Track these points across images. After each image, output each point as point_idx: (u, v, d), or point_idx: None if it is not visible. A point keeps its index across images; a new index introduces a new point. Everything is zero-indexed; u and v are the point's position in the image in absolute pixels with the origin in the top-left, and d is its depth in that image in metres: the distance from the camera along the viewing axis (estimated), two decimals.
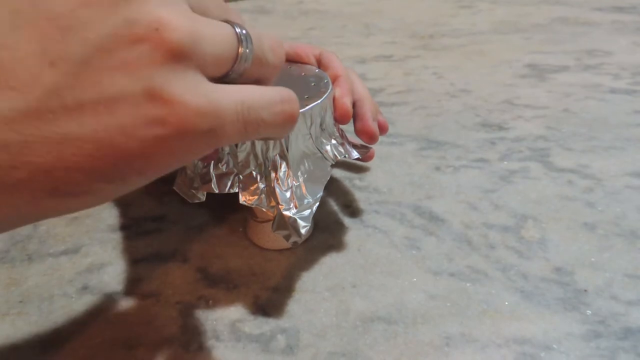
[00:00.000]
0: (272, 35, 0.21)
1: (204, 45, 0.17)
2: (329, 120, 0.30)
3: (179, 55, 0.16)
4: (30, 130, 0.15)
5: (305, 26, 0.77)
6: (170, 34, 0.16)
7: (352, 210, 0.36)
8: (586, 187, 0.37)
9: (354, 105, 0.33)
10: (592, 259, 0.30)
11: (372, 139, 0.33)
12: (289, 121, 0.20)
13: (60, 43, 0.15)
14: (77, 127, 0.16)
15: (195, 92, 0.16)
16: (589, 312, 0.27)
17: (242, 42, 0.19)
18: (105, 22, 0.16)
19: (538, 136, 0.44)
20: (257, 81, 0.20)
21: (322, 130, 0.30)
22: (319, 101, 0.28)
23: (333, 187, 0.38)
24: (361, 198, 0.37)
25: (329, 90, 0.29)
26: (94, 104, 0.15)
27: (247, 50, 0.19)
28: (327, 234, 0.33)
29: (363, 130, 0.33)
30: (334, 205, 0.36)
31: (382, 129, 0.35)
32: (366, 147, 0.36)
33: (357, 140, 0.35)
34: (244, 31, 0.19)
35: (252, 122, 0.18)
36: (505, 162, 0.40)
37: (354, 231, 0.34)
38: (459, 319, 0.27)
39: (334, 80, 0.32)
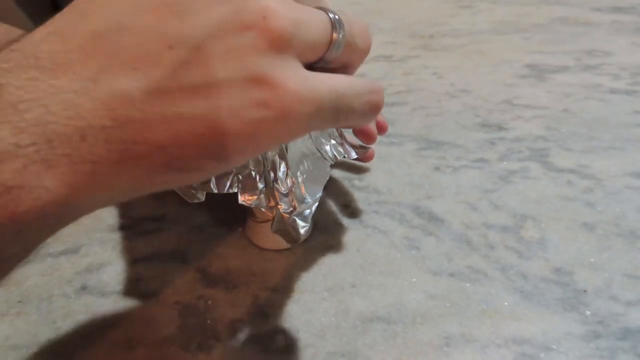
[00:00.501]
0: (361, 21, 0.22)
1: (304, 32, 0.18)
2: None
3: (283, 43, 0.17)
4: (151, 108, 0.16)
5: None
6: (275, 22, 0.17)
7: (352, 210, 0.35)
8: (586, 188, 0.37)
9: None
10: (592, 259, 0.30)
11: (370, 139, 0.33)
12: (375, 110, 0.21)
13: (177, 28, 0.16)
14: (191, 107, 0.17)
15: (296, 78, 0.17)
16: (588, 312, 0.27)
17: (335, 28, 0.20)
18: (217, 10, 0.17)
19: (538, 136, 0.44)
20: (345, 66, 0.22)
21: (321, 130, 0.30)
22: None
23: (332, 187, 0.38)
24: (360, 198, 0.36)
25: None
26: (206, 86, 0.17)
27: (340, 36, 0.20)
28: (326, 234, 0.33)
29: (361, 131, 0.33)
30: (333, 206, 0.36)
31: (382, 129, 0.35)
32: (365, 148, 0.36)
33: (356, 141, 0.35)
34: (337, 17, 0.20)
35: (344, 110, 0.20)
36: (505, 162, 0.40)
37: (353, 231, 0.34)
38: (458, 319, 0.27)
39: None
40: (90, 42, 0.16)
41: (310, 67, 0.19)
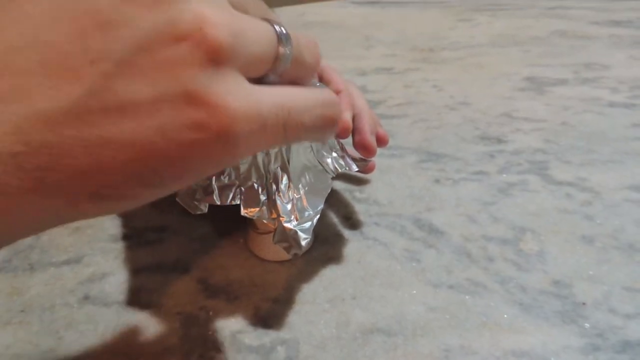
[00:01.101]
0: (309, 36, 0.20)
1: (246, 45, 0.16)
2: None
3: (222, 56, 0.15)
4: (69, 131, 0.15)
5: None
6: (213, 33, 0.15)
7: (353, 222, 0.36)
8: (584, 201, 0.37)
9: (353, 119, 0.33)
10: (590, 272, 0.31)
11: (369, 152, 0.33)
12: (329, 125, 0.20)
13: (100, 40, 0.15)
14: (116, 129, 0.15)
15: (236, 94, 0.16)
16: (587, 325, 0.27)
17: (282, 41, 0.18)
18: (147, 20, 0.15)
19: (536, 149, 0.44)
20: (294, 82, 0.20)
21: (323, 143, 0.30)
22: None
23: (333, 199, 0.38)
24: (361, 210, 0.37)
25: None
26: (133, 106, 0.15)
27: (287, 50, 0.18)
28: (327, 245, 0.34)
29: (360, 144, 0.33)
30: (334, 217, 0.36)
31: (382, 142, 0.35)
32: (365, 160, 0.36)
33: (356, 154, 0.35)
34: (283, 30, 0.18)
35: (293, 126, 0.18)
36: (504, 175, 0.41)
37: (354, 243, 0.34)
38: (458, 332, 0.27)
39: (335, 94, 0.32)
40: (3, 58, 0.15)
41: (259, 83, 0.18)
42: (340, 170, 0.31)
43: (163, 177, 0.16)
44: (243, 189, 0.28)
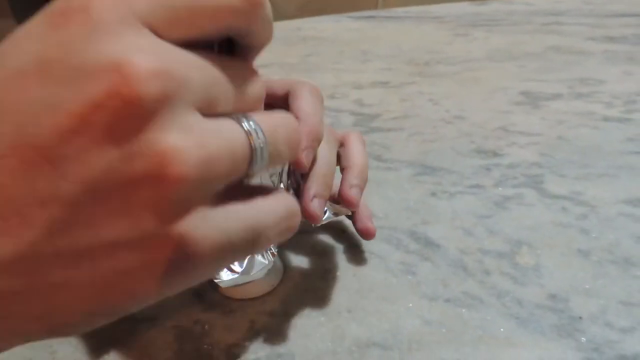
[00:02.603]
0: (288, 121, 0.18)
1: (215, 169, 0.15)
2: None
3: (187, 194, 0.14)
4: (20, 280, 0.14)
5: (304, 52, 0.78)
6: (177, 170, 0.13)
7: (348, 235, 0.36)
8: (580, 214, 0.37)
9: (342, 170, 0.31)
10: (587, 286, 0.31)
11: (369, 235, 0.32)
12: (289, 235, 0.19)
13: (49, 179, 0.13)
14: (72, 274, 0.14)
15: (205, 230, 0.15)
16: (583, 339, 0.27)
17: (254, 142, 0.16)
18: (96, 157, 0.13)
19: (532, 163, 0.44)
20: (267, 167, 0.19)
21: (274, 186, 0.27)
22: None
23: None
24: (352, 222, 0.37)
25: None
26: (90, 250, 0.14)
27: (261, 153, 0.16)
28: (323, 258, 0.33)
29: (360, 230, 0.33)
30: (330, 230, 0.36)
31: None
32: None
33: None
34: (252, 125, 0.16)
35: (259, 243, 0.17)
36: (500, 188, 0.41)
37: (349, 256, 0.34)
38: (454, 345, 0.27)
39: (297, 119, 0.27)
40: None
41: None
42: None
43: (123, 308, 0.15)
44: None
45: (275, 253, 0.28)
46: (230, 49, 0.19)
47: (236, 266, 0.27)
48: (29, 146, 0.13)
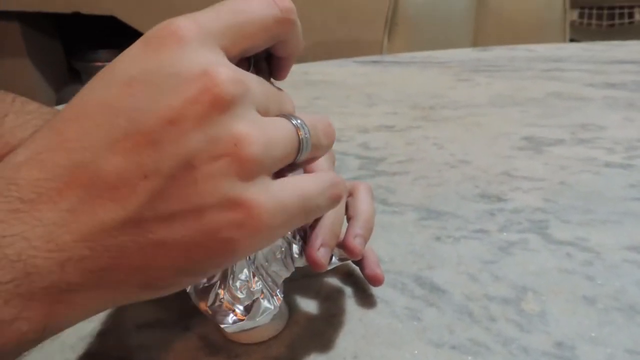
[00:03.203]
0: (323, 119, 0.23)
1: (274, 152, 0.19)
2: None
3: (254, 167, 0.18)
4: (127, 237, 0.17)
5: (311, 95, 0.80)
6: (247, 150, 0.18)
7: (354, 278, 0.36)
8: (585, 261, 0.37)
9: (348, 218, 0.32)
10: (593, 334, 0.30)
11: (378, 281, 0.33)
12: (337, 201, 0.23)
13: (152, 158, 0.17)
14: (167, 233, 0.18)
15: (266, 195, 0.18)
16: None
17: (300, 134, 0.21)
18: (190, 139, 0.17)
19: (536, 208, 0.45)
20: (312, 160, 0.23)
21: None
22: None
23: None
24: (360, 268, 0.37)
25: None
26: (182, 213, 0.18)
27: (306, 141, 0.21)
28: (329, 302, 0.34)
29: (368, 276, 0.33)
30: (336, 274, 0.36)
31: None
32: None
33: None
34: (299, 122, 0.21)
35: (312, 210, 0.21)
36: (505, 234, 0.41)
37: (356, 300, 0.34)
38: None
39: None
40: (68, 172, 0.17)
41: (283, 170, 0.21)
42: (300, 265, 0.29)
43: (207, 267, 0.19)
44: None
45: (281, 298, 0.28)
46: (266, 67, 0.25)
47: (242, 311, 0.27)
48: (139, 133, 0.17)
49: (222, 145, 0.18)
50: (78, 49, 2.27)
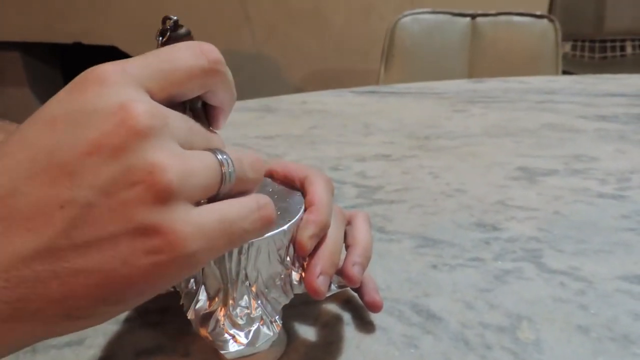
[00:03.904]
0: (251, 154, 0.24)
1: (192, 181, 0.20)
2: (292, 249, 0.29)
3: (170, 194, 0.19)
4: (43, 267, 0.18)
5: (308, 124, 0.82)
6: (161, 177, 0.18)
7: (352, 305, 0.36)
8: (578, 290, 0.38)
9: (347, 247, 0.32)
10: None
11: (376, 308, 0.33)
12: (267, 223, 0.23)
13: (68, 188, 0.18)
14: (84, 262, 0.18)
15: (183, 221, 0.19)
16: None
17: (224, 167, 0.21)
18: (106, 169, 0.18)
19: (530, 237, 0.46)
20: (240, 194, 0.23)
21: (281, 261, 0.29)
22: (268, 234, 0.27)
23: None
24: (358, 295, 0.37)
25: (291, 221, 0.28)
26: (98, 241, 0.18)
27: (230, 174, 0.22)
28: (327, 329, 0.34)
29: (366, 303, 0.34)
30: (334, 301, 0.37)
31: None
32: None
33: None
34: (224, 156, 0.22)
35: (236, 234, 0.21)
36: (500, 262, 0.42)
37: (353, 327, 0.34)
38: None
39: (308, 206, 0.30)
40: None
41: (209, 201, 0.21)
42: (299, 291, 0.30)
43: (127, 296, 0.19)
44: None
45: (280, 325, 0.29)
46: (202, 113, 0.25)
47: (242, 337, 0.27)
48: (57, 166, 0.18)
49: (138, 173, 0.18)
50: None
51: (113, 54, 2.10)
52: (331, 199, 0.31)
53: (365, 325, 0.34)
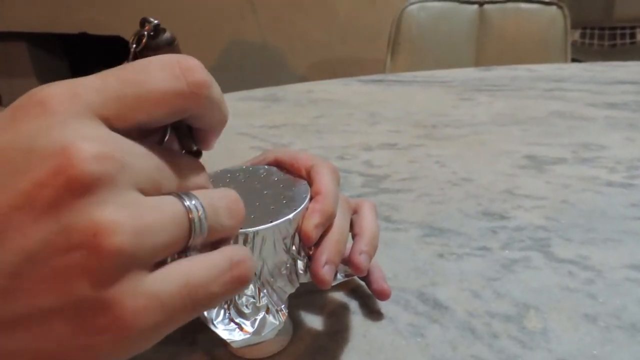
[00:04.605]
0: (229, 195, 0.20)
1: (150, 239, 0.16)
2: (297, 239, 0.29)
3: (121, 260, 0.15)
4: None
5: (314, 114, 0.81)
6: (109, 240, 0.15)
7: (359, 294, 0.36)
8: (586, 279, 0.38)
9: (354, 236, 0.32)
10: (594, 352, 0.31)
11: (385, 295, 0.33)
12: (240, 285, 0.19)
13: None
14: (11, 342, 0.15)
15: (135, 293, 0.15)
16: None
17: (192, 215, 0.18)
18: (38, 229, 0.15)
19: (538, 226, 0.45)
20: (216, 243, 0.19)
21: (287, 250, 0.28)
22: (273, 223, 0.27)
23: None
24: (366, 283, 0.37)
25: (296, 210, 0.28)
26: (26, 318, 0.15)
27: (200, 224, 0.18)
28: (333, 318, 0.34)
29: (374, 291, 0.34)
30: (340, 290, 0.37)
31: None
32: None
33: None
34: (193, 201, 0.18)
35: (201, 300, 0.17)
36: (507, 251, 0.41)
37: (359, 316, 0.34)
38: None
39: (314, 195, 0.29)
40: None
41: (176, 258, 0.18)
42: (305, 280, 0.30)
43: None
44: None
45: (286, 314, 0.29)
46: (188, 133, 0.22)
47: (248, 326, 0.27)
48: None
49: (77, 235, 0.14)
50: (84, 68, 2.30)
51: (118, 43, 2.10)
52: (337, 189, 0.30)
53: (371, 314, 0.34)
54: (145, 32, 0.20)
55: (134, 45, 0.19)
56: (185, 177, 0.19)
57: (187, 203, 0.18)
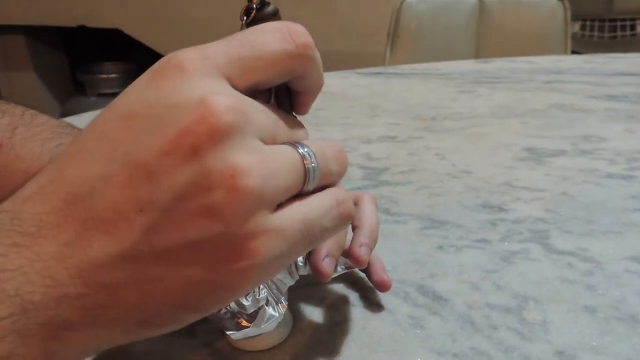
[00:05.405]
0: (333, 144, 0.22)
1: (275, 183, 0.18)
2: None
3: (253, 200, 0.17)
4: (123, 273, 0.17)
5: (314, 106, 0.81)
6: (244, 181, 0.17)
7: (358, 286, 0.36)
8: (586, 271, 0.38)
9: (354, 229, 0.33)
10: (594, 343, 0.31)
11: (385, 287, 0.34)
12: (346, 220, 0.21)
13: (147, 191, 0.17)
14: (164, 269, 0.17)
15: (264, 228, 0.18)
16: None
17: (306, 162, 0.20)
18: (185, 171, 0.17)
19: (537, 218, 0.45)
20: (325, 187, 0.21)
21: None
22: None
23: None
24: (367, 275, 0.37)
25: None
26: (178, 248, 0.17)
27: (314, 172, 0.20)
28: (333, 310, 0.34)
29: (375, 282, 0.34)
30: (340, 282, 0.37)
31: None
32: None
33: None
34: (307, 150, 0.20)
35: (316, 234, 0.20)
36: (506, 243, 0.41)
37: (359, 308, 0.34)
38: None
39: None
40: (67, 205, 0.17)
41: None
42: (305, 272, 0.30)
43: (206, 305, 0.19)
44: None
45: (286, 306, 0.29)
46: (287, 98, 0.23)
47: (248, 318, 0.27)
48: (135, 165, 0.17)
49: (217, 177, 0.17)
50: (83, 61, 2.29)
51: (117, 36, 2.09)
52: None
53: (371, 306, 0.34)
54: (254, 5, 0.22)
55: (245, 17, 0.22)
56: (294, 131, 0.21)
57: (301, 151, 0.20)
